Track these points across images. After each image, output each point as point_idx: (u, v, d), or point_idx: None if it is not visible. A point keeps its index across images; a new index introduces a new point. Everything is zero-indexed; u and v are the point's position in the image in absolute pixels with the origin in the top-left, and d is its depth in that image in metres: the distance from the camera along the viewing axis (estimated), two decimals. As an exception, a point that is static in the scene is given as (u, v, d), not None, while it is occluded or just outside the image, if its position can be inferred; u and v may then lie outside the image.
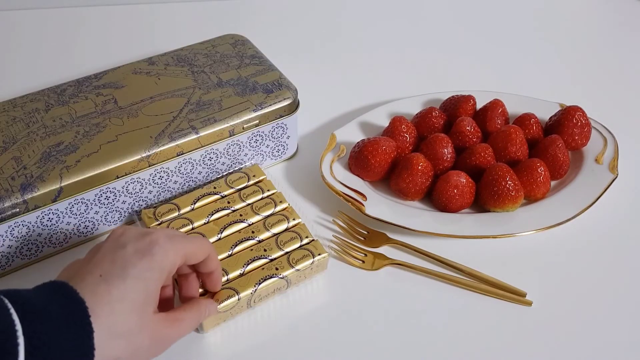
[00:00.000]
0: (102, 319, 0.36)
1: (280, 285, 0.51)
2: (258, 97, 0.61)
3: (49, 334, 0.33)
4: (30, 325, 0.32)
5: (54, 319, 0.34)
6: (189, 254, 0.42)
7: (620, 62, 0.86)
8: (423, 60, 0.84)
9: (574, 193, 0.60)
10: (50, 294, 0.36)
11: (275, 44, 0.77)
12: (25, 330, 0.32)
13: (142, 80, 0.63)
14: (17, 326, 0.32)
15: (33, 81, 0.71)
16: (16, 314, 0.32)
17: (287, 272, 0.51)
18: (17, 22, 0.87)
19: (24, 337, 0.32)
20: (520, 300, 0.53)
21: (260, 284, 0.50)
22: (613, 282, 0.55)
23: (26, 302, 0.34)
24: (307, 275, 0.53)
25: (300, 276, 0.53)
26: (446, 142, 0.61)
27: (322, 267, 0.54)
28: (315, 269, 0.53)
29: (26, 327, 0.32)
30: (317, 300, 0.53)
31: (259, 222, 0.56)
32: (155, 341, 0.40)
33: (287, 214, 0.57)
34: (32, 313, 0.33)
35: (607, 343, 0.51)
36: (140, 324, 0.38)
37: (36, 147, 0.54)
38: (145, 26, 0.88)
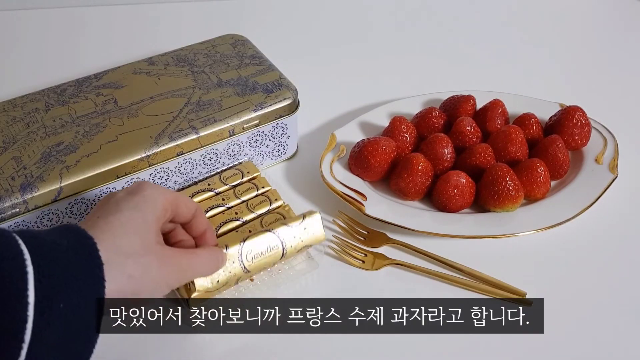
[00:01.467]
0: (107, 242, 0.37)
1: (273, 243, 0.52)
2: (258, 97, 0.61)
3: (58, 262, 0.34)
4: (38, 254, 0.33)
5: (63, 250, 0.35)
6: (177, 203, 0.43)
7: (621, 62, 0.85)
8: (423, 60, 0.84)
9: (574, 193, 0.60)
10: (59, 231, 0.37)
11: (275, 44, 0.77)
12: (34, 258, 0.33)
13: (142, 80, 0.62)
14: (25, 255, 0.33)
15: (33, 81, 0.70)
16: (24, 245, 0.33)
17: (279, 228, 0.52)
18: (17, 22, 0.87)
19: (32, 266, 0.32)
20: (520, 301, 0.53)
21: (245, 241, 0.51)
22: (613, 282, 0.55)
23: (35, 235, 0.35)
24: (299, 237, 0.53)
25: (291, 234, 0.52)
26: (446, 142, 0.61)
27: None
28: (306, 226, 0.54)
29: (35, 256, 0.33)
30: (317, 299, 0.53)
31: (256, 221, 0.56)
32: (166, 265, 0.40)
33: (283, 212, 0.57)
34: (40, 245, 0.34)
35: (607, 343, 0.51)
36: (145, 247, 0.39)
37: (36, 147, 0.54)
38: (145, 26, 0.88)
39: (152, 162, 0.56)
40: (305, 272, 0.54)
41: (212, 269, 0.46)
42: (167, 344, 0.50)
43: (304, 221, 0.52)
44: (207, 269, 0.45)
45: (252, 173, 0.60)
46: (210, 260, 0.45)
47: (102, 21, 0.88)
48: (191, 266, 0.43)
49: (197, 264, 0.44)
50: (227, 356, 0.49)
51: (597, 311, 0.53)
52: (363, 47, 0.86)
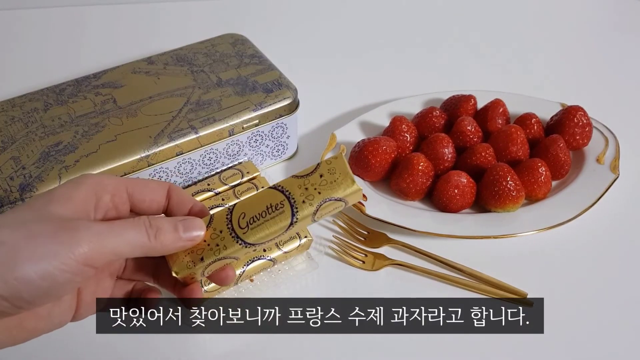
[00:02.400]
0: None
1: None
2: (258, 97, 0.60)
3: None
4: None
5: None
6: (134, 184, 0.37)
7: (622, 62, 0.85)
8: (423, 60, 0.84)
9: (575, 193, 0.60)
10: None
11: (275, 44, 0.77)
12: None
13: (142, 80, 0.62)
14: None
15: (32, 81, 0.70)
16: None
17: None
18: (16, 22, 0.87)
19: None
20: (520, 301, 0.53)
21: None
22: (614, 282, 0.55)
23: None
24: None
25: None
26: (447, 142, 0.61)
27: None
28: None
29: None
30: (317, 299, 0.53)
31: None
32: (67, 232, 0.32)
33: None
34: None
35: (607, 343, 0.51)
36: (37, 217, 0.33)
37: (35, 147, 0.54)
38: (144, 25, 0.88)
39: (151, 162, 0.55)
40: (305, 272, 0.54)
41: (139, 235, 0.35)
42: (167, 344, 0.49)
43: (320, 169, 0.36)
44: (133, 234, 0.35)
45: (252, 173, 0.60)
46: (135, 225, 0.35)
47: (101, 21, 0.88)
48: (112, 231, 0.34)
49: (116, 229, 0.34)
50: (227, 356, 0.49)
51: (597, 311, 0.53)
52: (363, 46, 0.86)
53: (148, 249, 0.35)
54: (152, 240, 0.35)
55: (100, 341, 0.49)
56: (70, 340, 0.49)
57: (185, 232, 0.36)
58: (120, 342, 0.49)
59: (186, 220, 0.37)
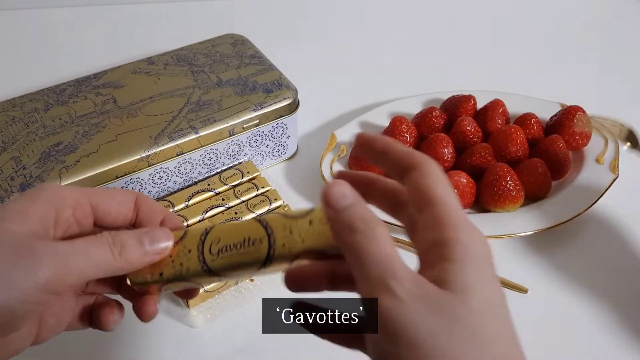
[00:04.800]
0: None
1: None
2: (258, 97, 0.60)
3: None
4: None
5: None
6: (98, 195, 0.34)
7: (621, 62, 0.85)
8: (423, 60, 0.84)
9: (575, 193, 0.60)
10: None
11: (275, 44, 0.77)
12: None
13: (142, 80, 0.62)
14: None
15: (32, 81, 0.70)
16: None
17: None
18: (17, 22, 0.87)
19: None
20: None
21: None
22: (615, 282, 0.55)
23: None
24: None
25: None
26: (446, 142, 0.61)
27: None
28: None
29: None
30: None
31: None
32: (23, 256, 0.29)
33: None
34: None
35: (607, 342, 0.51)
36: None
37: (35, 147, 0.54)
38: (144, 26, 0.88)
39: (151, 162, 0.56)
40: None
41: (103, 254, 0.31)
42: (167, 344, 0.49)
43: (312, 214, 0.33)
44: (96, 253, 0.31)
45: (252, 173, 0.60)
46: (98, 243, 0.31)
47: (101, 21, 0.88)
48: (75, 251, 0.30)
49: (80, 249, 0.31)
50: (227, 356, 0.49)
51: (598, 311, 0.53)
52: (363, 46, 0.86)
53: (114, 269, 0.31)
54: (117, 258, 0.31)
55: (100, 341, 0.49)
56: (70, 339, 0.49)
57: (151, 245, 0.33)
58: (120, 342, 0.49)
59: (151, 232, 0.33)
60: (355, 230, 0.27)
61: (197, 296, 0.39)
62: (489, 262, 0.28)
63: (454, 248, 0.27)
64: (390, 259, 0.27)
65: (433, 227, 0.28)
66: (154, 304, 0.35)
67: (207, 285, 0.36)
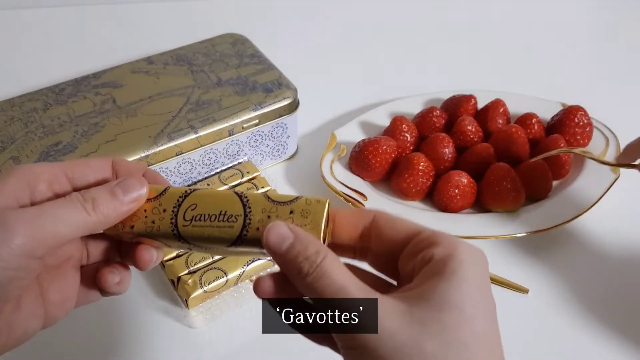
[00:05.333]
0: None
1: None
2: (258, 97, 0.60)
3: None
4: None
5: None
6: (73, 165, 0.34)
7: (622, 62, 0.85)
8: (423, 60, 0.83)
9: (576, 193, 0.59)
10: None
11: (275, 44, 0.77)
12: None
13: (141, 80, 0.62)
14: None
15: (31, 80, 0.70)
16: None
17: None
18: (16, 22, 0.87)
19: None
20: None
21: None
22: (615, 283, 0.55)
23: None
24: None
25: None
26: (447, 142, 0.61)
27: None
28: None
29: None
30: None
31: None
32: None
33: None
34: None
35: (608, 342, 0.50)
36: None
37: (34, 147, 0.54)
38: (144, 25, 0.88)
39: (151, 162, 0.55)
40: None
41: (75, 211, 0.31)
42: (167, 344, 0.49)
43: (295, 204, 0.32)
44: (67, 212, 0.30)
45: (252, 173, 0.60)
46: (67, 202, 0.31)
47: (101, 20, 0.88)
48: (44, 213, 0.30)
49: (50, 210, 0.30)
50: (227, 356, 0.49)
51: (598, 311, 0.53)
52: (363, 46, 0.86)
53: (91, 225, 0.31)
54: (92, 213, 0.31)
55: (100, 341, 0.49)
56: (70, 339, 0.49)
57: (125, 195, 0.32)
58: (120, 342, 0.49)
59: (123, 182, 0.32)
60: (302, 272, 0.28)
61: (150, 258, 0.36)
62: (482, 276, 0.29)
63: (448, 264, 0.28)
64: (343, 291, 0.27)
65: (425, 246, 0.29)
66: (147, 252, 0.34)
67: (176, 249, 0.33)
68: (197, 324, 0.50)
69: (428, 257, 0.29)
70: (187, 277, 0.50)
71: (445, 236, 0.29)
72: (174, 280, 0.51)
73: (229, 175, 0.59)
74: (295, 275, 0.28)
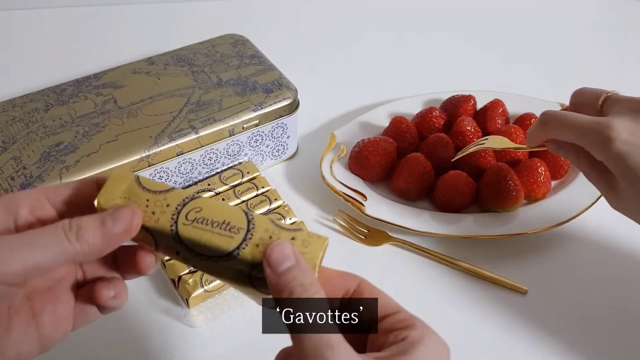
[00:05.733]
0: None
1: None
2: (258, 97, 0.61)
3: None
4: None
5: None
6: (53, 190, 0.33)
7: (621, 62, 0.85)
8: (423, 60, 0.84)
9: (575, 193, 0.60)
10: None
11: (275, 44, 0.77)
12: None
13: (142, 80, 0.62)
14: None
15: (32, 81, 0.70)
16: None
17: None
18: (17, 22, 0.87)
19: None
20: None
21: None
22: (615, 282, 0.55)
23: None
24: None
25: None
26: (446, 142, 0.61)
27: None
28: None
29: None
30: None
31: None
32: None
33: (283, 212, 0.57)
34: None
35: (608, 341, 0.51)
36: None
37: (36, 147, 0.54)
38: (145, 26, 0.88)
39: (151, 162, 0.56)
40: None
41: (55, 240, 0.30)
42: (167, 344, 0.49)
43: (301, 232, 0.32)
44: (46, 240, 0.30)
45: (252, 173, 0.60)
46: (50, 230, 0.30)
47: (101, 21, 0.88)
48: (22, 241, 0.29)
49: (28, 238, 0.30)
50: (227, 356, 0.49)
51: (598, 311, 0.53)
52: (363, 46, 0.86)
53: (74, 255, 0.30)
54: (74, 242, 0.29)
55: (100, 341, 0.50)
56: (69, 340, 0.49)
57: (115, 224, 0.31)
58: (120, 342, 0.49)
59: (115, 211, 0.31)
60: (292, 296, 0.29)
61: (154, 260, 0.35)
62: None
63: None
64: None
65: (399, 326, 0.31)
66: (147, 256, 0.34)
67: (163, 252, 0.33)
68: (197, 323, 0.50)
69: (402, 336, 0.30)
70: (188, 276, 0.50)
71: (421, 322, 0.31)
72: (174, 279, 0.51)
73: (229, 175, 0.60)
74: (284, 297, 0.29)
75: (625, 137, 0.42)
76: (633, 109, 0.43)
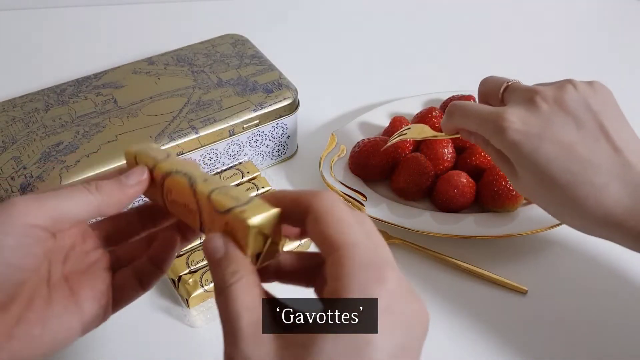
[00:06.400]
0: None
1: None
2: (258, 97, 0.61)
3: None
4: None
5: None
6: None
7: (620, 62, 0.85)
8: (423, 60, 0.84)
9: (575, 193, 0.60)
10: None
11: (275, 44, 0.77)
12: None
13: (142, 80, 0.62)
14: None
15: (32, 81, 0.70)
16: None
17: None
18: (17, 22, 0.87)
19: None
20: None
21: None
22: (615, 282, 0.55)
23: None
24: None
25: None
26: (446, 142, 0.61)
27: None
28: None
29: None
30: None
31: None
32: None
33: None
34: None
35: (608, 341, 0.51)
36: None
37: (36, 147, 0.54)
38: (145, 26, 0.88)
39: (152, 162, 0.56)
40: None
41: (77, 192, 0.34)
42: (167, 344, 0.49)
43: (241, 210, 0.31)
44: (69, 192, 0.34)
45: (252, 173, 0.60)
46: (72, 187, 0.34)
47: (101, 21, 0.88)
48: (47, 195, 0.33)
49: (52, 193, 0.33)
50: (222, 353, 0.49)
51: (598, 311, 0.53)
52: (363, 47, 0.86)
53: (96, 205, 0.34)
54: (95, 193, 0.34)
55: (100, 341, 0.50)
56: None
57: (127, 177, 0.36)
58: (120, 342, 0.49)
59: (126, 172, 0.36)
60: (215, 287, 0.30)
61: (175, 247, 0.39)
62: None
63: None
64: (234, 320, 0.28)
65: (330, 278, 0.29)
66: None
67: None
68: (197, 323, 0.50)
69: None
70: (188, 276, 0.50)
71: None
72: (174, 279, 0.51)
73: (229, 175, 0.60)
74: (217, 283, 0.30)
75: (517, 126, 0.44)
76: (527, 98, 0.46)
